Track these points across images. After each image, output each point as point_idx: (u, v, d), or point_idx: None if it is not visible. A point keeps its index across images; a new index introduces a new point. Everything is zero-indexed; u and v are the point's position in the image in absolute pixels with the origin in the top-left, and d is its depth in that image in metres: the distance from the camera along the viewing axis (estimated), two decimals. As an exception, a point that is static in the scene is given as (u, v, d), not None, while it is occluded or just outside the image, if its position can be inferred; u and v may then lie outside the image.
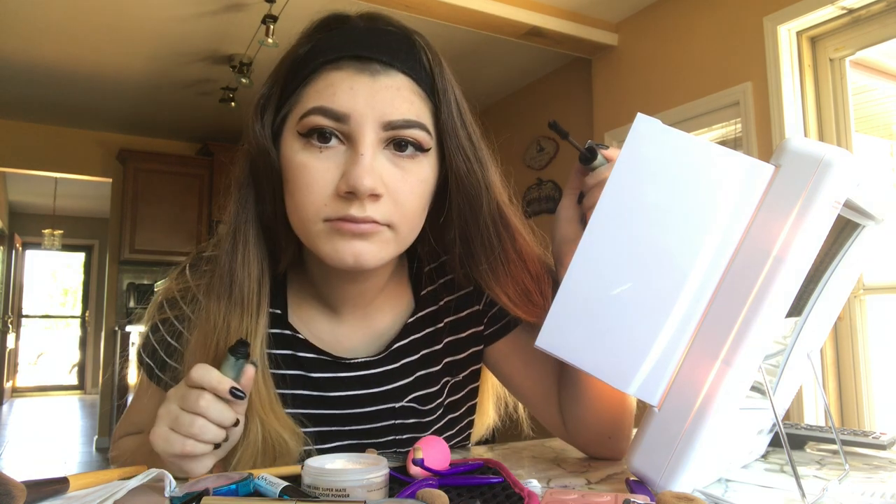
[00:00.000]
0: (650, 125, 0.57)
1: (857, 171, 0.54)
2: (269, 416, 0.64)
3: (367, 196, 0.59)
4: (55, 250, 7.91)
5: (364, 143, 0.60)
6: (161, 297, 0.74)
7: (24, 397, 8.71)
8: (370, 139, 0.60)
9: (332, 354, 0.73)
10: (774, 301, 0.52)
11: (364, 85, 0.60)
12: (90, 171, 5.02)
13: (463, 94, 0.69)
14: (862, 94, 2.46)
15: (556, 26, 3.03)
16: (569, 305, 0.58)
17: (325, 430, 0.73)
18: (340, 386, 0.73)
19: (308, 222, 0.61)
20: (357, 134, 0.60)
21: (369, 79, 0.61)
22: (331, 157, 0.60)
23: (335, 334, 0.74)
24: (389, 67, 0.62)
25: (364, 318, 0.75)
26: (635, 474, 0.58)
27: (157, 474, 0.57)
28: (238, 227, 0.67)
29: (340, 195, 0.60)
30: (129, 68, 3.81)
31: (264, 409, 0.64)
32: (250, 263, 0.66)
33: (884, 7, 2.19)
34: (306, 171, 0.60)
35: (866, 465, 0.72)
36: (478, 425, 0.88)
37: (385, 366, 0.74)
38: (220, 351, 0.64)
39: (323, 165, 0.60)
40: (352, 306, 0.73)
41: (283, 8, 2.92)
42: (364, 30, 0.64)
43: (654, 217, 0.56)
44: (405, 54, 0.63)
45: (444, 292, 0.77)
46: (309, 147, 0.61)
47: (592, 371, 0.57)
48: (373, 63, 0.61)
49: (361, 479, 0.54)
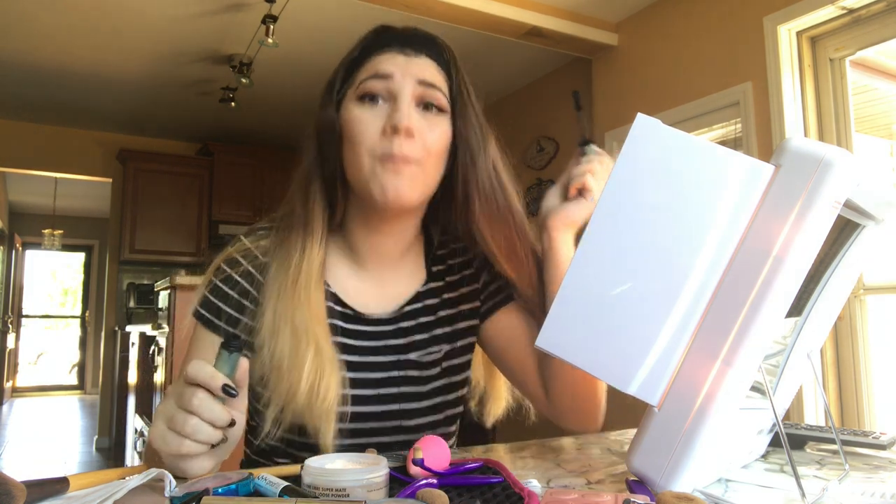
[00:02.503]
0: (650, 125, 0.57)
1: (857, 171, 0.54)
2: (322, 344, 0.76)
3: (404, 134, 0.77)
4: (55, 250, 7.91)
5: (403, 95, 0.79)
6: (220, 260, 0.85)
7: (24, 397, 8.71)
8: (408, 91, 0.79)
9: (354, 309, 0.86)
10: (774, 301, 0.52)
11: (403, 60, 0.81)
12: (90, 171, 5.02)
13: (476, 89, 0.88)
14: (862, 94, 2.46)
15: (556, 26, 3.03)
16: (569, 305, 0.58)
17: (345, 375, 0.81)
18: (360, 336, 0.86)
19: (362, 160, 0.79)
20: (399, 88, 0.79)
21: (405, 58, 0.82)
22: (378, 111, 0.79)
23: (359, 290, 0.88)
24: (420, 54, 0.83)
25: (384, 281, 0.89)
26: (635, 474, 0.58)
27: (157, 474, 0.57)
28: (311, 177, 0.84)
29: (385, 134, 0.78)
30: (129, 68, 3.81)
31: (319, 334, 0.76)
32: (321, 204, 0.84)
33: (884, 7, 2.19)
34: (360, 121, 0.79)
35: (866, 465, 0.72)
36: (494, 408, 0.98)
37: (396, 324, 0.87)
38: (301, 276, 0.79)
39: (373, 116, 0.79)
40: (377, 261, 0.88)
41: (283, 8, 2.92)
42: (401, 30, 0.86)
43: (655, 217, 0.56)
44: (430, 46, 0.84)
45: (450, 273, 0.93)
46: (362, 105, 0.80)
47: (592, 371, 0.57)
48: (407, 49, 0.82)
49: (361, 479, 0.54)
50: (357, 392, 0.82)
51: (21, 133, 4.76)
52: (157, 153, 4.98)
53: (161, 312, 2.94)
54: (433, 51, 0.84)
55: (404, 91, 0.79)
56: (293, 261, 0.80)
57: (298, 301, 0.77)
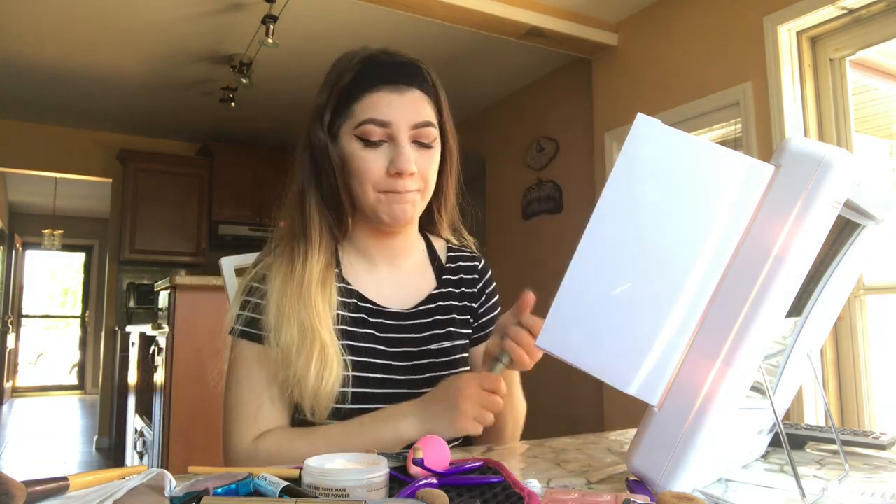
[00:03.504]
0: (650, 125, 0.57)
1: (857, 171, 0.54)
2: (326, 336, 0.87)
3: (408, 174, 0.88)
4: (55, 250, 7.91)
5: (402, 140, 0.89)
6: (247, 280, 0.95)
7: (24, 397, 8.70)
8: (405, 136, 0.89)
9: (376, 303, 0.96)
10: (774, 301, 0.52)
11: (397, 100, 0.90)
12: (90, 171, 5.02)
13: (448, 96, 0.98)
14: (862, 94, 2.46)
15: (556, 26, 3.03)
16: (569, 305, 0.58)
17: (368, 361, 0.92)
18: (385, 329, 0.95)
19: (368, 193, 0.90)
20: (398, 134, 0.89)
21: (399, 96, 0.90)
22: (380, 153, 0.90)
23: (377, 288, 0.98)
24: (411, 87, 0.91)
25: (398, 281, 1.00)
26: (635, 474, 0.58)
27: (156, 474, 0.57)
28: (306, 192, 0.94)
29: (390, 175, 0.89)
30: (130, 68, 3.81)
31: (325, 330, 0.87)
32: (317, 215, 0.93)
33: (884, 7, 2.19)
34: (365, 160, 0.89)
35: (866, 465, 0.72)
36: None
37: (414, 320, 0.98)
38: (305, 280, 0.88)
39: (376, 156, 0.89)
40: (388, 261, 1.00)
41: (283, 8, 2.92)
42: (389, 63, 0.92)
43: (654, 217, 0.56)
44: (418, 76, 0.93)
45: (457, 285, 1.05)
46: (366, 147, 0.90)
47: (592, 371, 0.57)
48: (400, 84, 0.90)
49: (361, 479, 0.54)
50: (389, 377, 0.92)
51: (21, 133, 4.76)
52: (157, 153, 4.97)
53: (161, 312, 2.94)
54: (423, 82, 0.93)
55: (402, 136, 0.89)
56: (297, 267, 0.90)
57: (303, 302, 0.87)
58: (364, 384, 0.90)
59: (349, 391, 0.88)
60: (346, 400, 0.88)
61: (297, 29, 3.17)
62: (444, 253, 1.07)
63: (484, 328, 1.06)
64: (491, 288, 1.09)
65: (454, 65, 3.71)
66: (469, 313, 1.05)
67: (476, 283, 1.07)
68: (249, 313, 0.91)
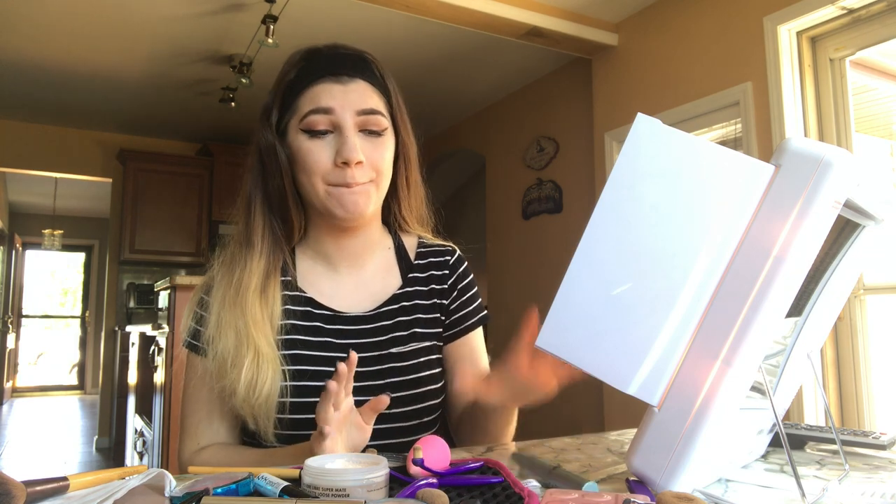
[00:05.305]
0: (650, 125, 0.57)
1: (857, 171, 0.54)
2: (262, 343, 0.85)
3: (355, 164, 0.85)
4: (55, 250, 7.91)
5: (348, 129, 0.86)
6: (198, 290, 0.95)
7: (24, 397, 8.70)
8: (349, 124, 0.86)
9: (332, 309, 0.93)
10: (774, 301, 0.52)
11: (339, 90, 0.88)
12: (90, 171, 5.02)
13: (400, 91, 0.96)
14: (862, 94, 2.46)
15: (556, 26, 3.03)
16: (568, 305, 0.58)
17: (320, 370, 0.89)
18: (342, 335, 0.92)
19: (317, 187, 0.87)
20: (341, 121, 0.86)
21: (342, 86, 0.88)
22: (326, 143, 0.87)
23: (335, 292, 0.95)
24: (354, 77, 0.89)
25: (359, 282, 0.97)
26: (635, 474, 0.58)
27: (156, 474, 0.57)
28: (252, 197, 0.93)
29: (337, 166, 0.86)
30: (129, 68, 3.81)
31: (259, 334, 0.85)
32: (261, 220, 0.92)
33: (884, 7, 2.19)
34: (312, 153, 0.87)
35: (866, 465, 0.72)
36: None
37: (375, 322, 0.94)
38: (242, 286, 0.87)
39: (322, 147, 0.87)
40: (349, 263, 0.97)
41: (283, 8, 2.92)
42: (332, 55, 0.91)
43: (654, 217, 0.56)
44: (362, 68, 0.90)
45: (425, 283, 1.00)
46: (311, 138, 0.87)
47: (592, 371, 0.57)
48: (341, 75, 0.88)
49: (361, 479, 0.54)
50: None
51: (21, 133, 4.76)
52: (157, 153, 4.98)
53: (161, 312, 2.94)
54: (366, 71, 0.90)
55: (346, 124, 0.86)
56: (235, 274, 0.89)
57: (240, 309, 0.86)
58: (317, 394, 0.83)
59: (287, 401, 0.85)
60: (284, 410, 0.85)
61: (297, 29, 3.17)
62: (415, 250, 1.02)
63: (457, 325, 1.00)
64: (465, 282, 1.02)
65: (454, 65, 3.71)
66: (439, 311, 0.99)
67: (446, 278, 1.01)
68: (195, 325, 0.92)
